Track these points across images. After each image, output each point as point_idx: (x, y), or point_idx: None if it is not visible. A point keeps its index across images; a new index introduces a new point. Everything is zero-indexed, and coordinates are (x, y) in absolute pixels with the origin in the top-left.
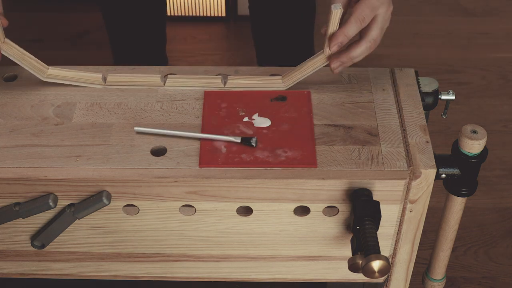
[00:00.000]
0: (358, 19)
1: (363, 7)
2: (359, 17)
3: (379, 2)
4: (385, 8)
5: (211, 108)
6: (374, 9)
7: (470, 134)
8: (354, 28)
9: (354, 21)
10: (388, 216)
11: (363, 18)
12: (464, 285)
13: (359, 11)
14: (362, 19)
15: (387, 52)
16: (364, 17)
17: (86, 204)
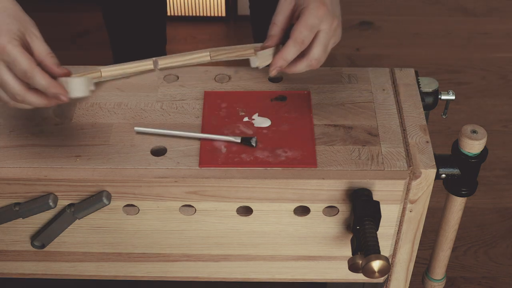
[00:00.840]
0: (296, 42)
1: (301, 29)
2: (297, 40)
3: (319, 19)
4: (328, 23)
5: (211, 108)
6: (314, 28)
7: (470, 134)
8: (293, 51)
9: (292, 44)
10: (388, 216)
11: (301, 41)
12: (464, 285)
13: (297, 33)
14: (301, 42)
15: (387, 52)
16: (302, 39)
17: (86, 204)
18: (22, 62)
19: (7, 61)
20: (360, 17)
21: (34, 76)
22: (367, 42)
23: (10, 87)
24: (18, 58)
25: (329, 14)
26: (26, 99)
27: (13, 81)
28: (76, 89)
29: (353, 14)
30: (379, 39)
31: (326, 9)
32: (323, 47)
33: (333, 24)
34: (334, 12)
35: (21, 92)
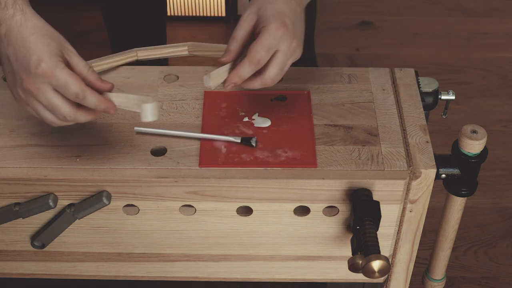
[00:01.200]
0: (252, 62)
1: (258, 49)
2: (253, 60)
3: (277, 40)
4: (286, 44)
5: (211, 108)
6: (271, 49)
7: (470, 134)
8: (248, 70)
9: (248, 63)
10: (388, 216)
11: (257, 61)
12: (464, 285)
13: (254, 53)
14: (257, 62)
15: (387, 52)
16: (259, 60)
17: (86, 204)
18: (73, 86)
19: (56, 85)
20: (360, 17)
21: (86, 97)
22: (367, 42)
23: (61, 110)
24: (68, 82)
25: (288, 34)
26: (77, 119)
27: (63, 104)
28: (149, 113)
29: (353, 14)
30: (379, 39)
31: (285, 30)
32: (279, 67)
33: (292, 44)
34: (295, 33)
35: (72, 113)
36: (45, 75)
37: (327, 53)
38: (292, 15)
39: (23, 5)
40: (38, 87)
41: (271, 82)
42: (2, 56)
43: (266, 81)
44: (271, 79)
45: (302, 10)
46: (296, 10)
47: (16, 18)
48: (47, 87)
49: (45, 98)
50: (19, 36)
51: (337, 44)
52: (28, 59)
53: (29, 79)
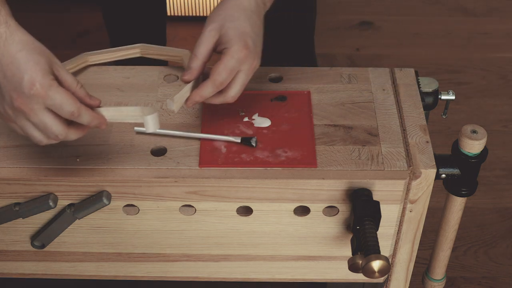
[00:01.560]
0: (215, 84)
1: (221, 71)
2: (216, 82)
3: (239, 62)
4: (248, 64)
5: (211, 108)
6: (233, 70)
7: (470, 134)
8: (211, 91)
9: (211, 85)
10: (388, 216)
11: (220, 83)
12: (464, 285)
13: (216, 75)
14: (219, 84)
15: (387, 52)
16: (221, 82)
17: (86, 204)
18: (68, 105)
19: (50, 104)
20: (360, 17)
21: (81, 115)
22: (367, 42)
23: (53, 129)
24: (64, 101)
25: (250, 56)
26: (68, 137)
27: (56, 123)
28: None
29: (353, 14)
30: (379, 39)
31: (247, 52)
32: (241, 86)
33: (253, 64)
34: (256, 52)
35: (64, 132)
36: (40, 96)
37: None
38: (253, 33)
39: (6, 17)
40: (31, 108)
41: (232, 100)
42: None
43: (228, 99)
44: (232, 97)
45: (262, 22)
46: (257, 25)
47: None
48: (40, 107)
49: (38, 118)
50: (6, 52)
51: (337, 44)
52: (20, 79)
53: (21, 99)
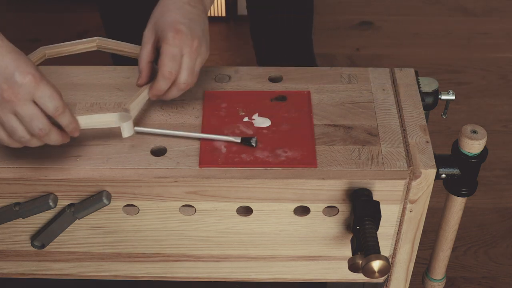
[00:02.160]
0: (164, 76)
1: (165, 61)
2: (165, 73)
3: (178, 47)
4: (188, 46)
5: (211, 108)
6: (176, 56)
7: (470, 134)
8: (164, 84)
9: (161, 78)
10: (388, 216)
11: (169, 73)
12: (464, 285)
13: (162, 66)
14: (168, 74)
15: (387, 52)
16: (170, 71)
17: (86, 204)
18: (56, 99)
19: (40, 96)
20: (360, 17)
21: (65, 112)
22: (367, 42)
23: (38, 121)
24: (53, 95)
25: (186, 38)
26: (50, 135)
27: (41, 116)
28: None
29: (353, 14)
30: (379, 39)
31: (182, 35)
32: (188, 70)
33: (194, 45)
34: (193, 34)
35: (47, 127)
36: (32, 85)
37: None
38: (185, 19)
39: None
40: (20, 98)
41: (186, 86)
42: None
43: (181, 86)
44: (184, 84)
45: (200, 11)
46: (192, 13)
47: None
48: (29, 98)
49: (25, 108)
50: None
51: (337, 44)
52: (12, 71)
53: (12, 89)
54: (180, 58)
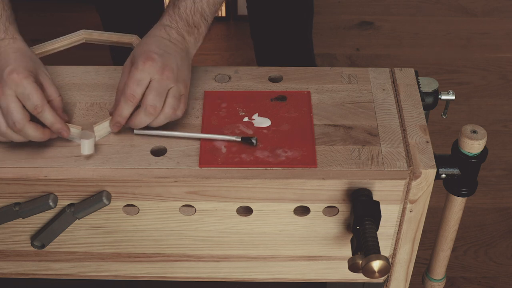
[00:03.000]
0: (127, 98)
1: (129, 85)
2: (127, 96)
3: (145, 72)
4: (157, 73)
5: (211, 108)
6: (142, 81)
7: (470, 134)
8: (126, 107)
9: (123, 101)
10: (388, 216)
11: (132, 96)
12: (464, 285)
13: (126, 89)
14: (131, 97)
15: (387, 52)
16: (133, 94)
17: (86, 204)
18: (35, 97)
19: (20, 93)
20: (360, 17)
21: (44, 111)
22: (367, 42)
23: (13, 114)
24: (32, 92)
25: (156, 65)
26: (25, 129)
27: (18, 111)
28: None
29: (353, 14)
30: (379, 39)
31: (152, 62)
32: (155, 93)
33: (164, 73)
34: (164, 62)
35: (22, 122)
36: (14, 81)
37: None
38: (160, 50)
39: (14, 33)
40: (3, 91)
41: (153, 110)
42: None
43: (148, 109)
44: (151, 106)
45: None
46: (169, 47)
47: (6, 41)
48: (11, 93)
49: (5, 100)
50: (3, 52)
51: (337, 44)
52: (3, 68)
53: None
54: (146, 83)
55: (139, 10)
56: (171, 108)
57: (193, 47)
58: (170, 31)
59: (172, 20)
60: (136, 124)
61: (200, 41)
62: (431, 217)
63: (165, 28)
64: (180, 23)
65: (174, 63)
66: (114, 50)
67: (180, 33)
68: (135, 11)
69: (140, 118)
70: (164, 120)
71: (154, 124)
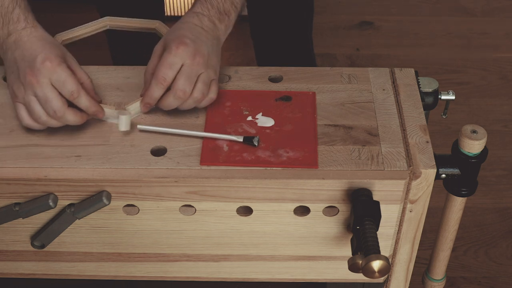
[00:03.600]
0: (158, 81)
1: (160, 67)
2: (159, 79)
3: (177, 56)
4: (189, 58)
5: (215, 106)
6: (174, 65)
7: (470, 134)
8: (156, 89)
9: (154, 83)
10: (388, 216)
11: (163, 79)
12: (464, 285)
13: (157, 72)
14: (162, 80)
15: (387, 52)
16: (164, 78)
17: (86, 204)
18: (70, 83)
19: (56, 80)
20: (360, 17)
21: (80, 96)
22: (367, 42)
23: (53, 103)
24: (67, 79)
25: (188, 49)
26: (65, 116)
27: (57, 99)
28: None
29: (353, 14)
30: (379, 39)
31: (184, 47)
32: (185, 77)
33: (196, 58)
34: (197, 48)
35: (62, 109)
36: (49, 69)
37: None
38: (193, 36)
39: (33, 22)
40: (38, 80)
41: (182, 94)
42: (8, 60)
43: (177, 93)
44: (181, 90)
45: (212, 36)
46: (201, 34)
47: (27, 30)
48: (47, 81)
49: (42, 90)
50: (28, 41)
51: (337, 44)
52: (35, 57)
53: (32, 72)
54: (178, 67)
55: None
56: (200, 93)
57: (224, 34)
58: (202, 18)
59: (204, 8)
60: (165, 106)
61: (230, 28)
62: (431, 217)
63: (197, 15)
64: (212, 10)
65: (205, 49)
66: (114, 50)
67: (211, 21)
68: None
69: (169, 101)
70: (193, 104)
71: (182, 107)
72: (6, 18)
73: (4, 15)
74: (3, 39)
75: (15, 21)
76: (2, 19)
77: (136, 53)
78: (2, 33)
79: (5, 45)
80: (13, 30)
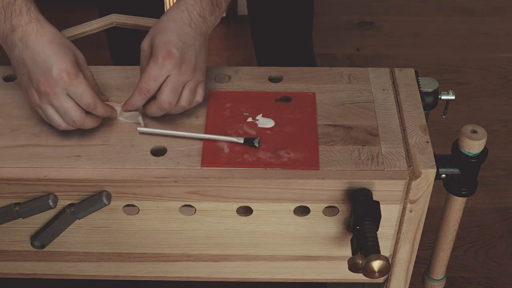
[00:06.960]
0: (141, 91)
1: (145, 79)
2: (142, 90)
3: (164, 69)
4: (176, 70)
5: (215, 108)
6: (158, 77)
7: (470, 134)
8: (139, 99)
9: (137, 93)
10: (388, 216)
11: (146, 90)
12: (464, 285)
13: (141, 83)
14: (145, 91)
15: (387, 52)
16: (147, 89)
17: (86, 204)
18: (88, 96)
19: (73, 92)
20: (360, 17)
21: (97, 107)
22: (367, 42)
23: (72, 114)
24: (85, 92)
25: (175, 62)
26: (84, 124)
27: (75, 110)
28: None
29: (353, 14)
30: (379, 39)
31: (170, 59)
32: (171, 88)
33: (182, 68)
34: (183, 58)
35: (81, 119)
36: (66, 82)
37: (327, 53)
38: (180, 42)
39: (37, 14)
40: (55, 92)
41: (167, 106)
42: (16, 59)
43: (162, 105)
44: (165, 102)
45: (199, 34)
46: (189, 35)
47: (31, 25)
48: (63, 92)
49: (59, 101)
50: (37, 42)
51: (337, 44)
52: (50, 65)
53: (48, 83)
54: (162, 79)
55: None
56: (186, 101)
57: (211, 27)
58: (192, 13)
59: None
60: (149, 114)
61: (218, 20)
62: (431, 217)
63: (187, 9)
64: (204, 2)
65: (193, 54)
66: (114, 50)
67: (202, 15)
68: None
69: (153, 110)
70: (179, 111)
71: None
72: (8, 11)
73: (5, 7)
74: (6, 34)
75: (17, 13)
76: (4, 12)
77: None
78: (5, 28)
79: (10, 41)
80: (17, 25)
